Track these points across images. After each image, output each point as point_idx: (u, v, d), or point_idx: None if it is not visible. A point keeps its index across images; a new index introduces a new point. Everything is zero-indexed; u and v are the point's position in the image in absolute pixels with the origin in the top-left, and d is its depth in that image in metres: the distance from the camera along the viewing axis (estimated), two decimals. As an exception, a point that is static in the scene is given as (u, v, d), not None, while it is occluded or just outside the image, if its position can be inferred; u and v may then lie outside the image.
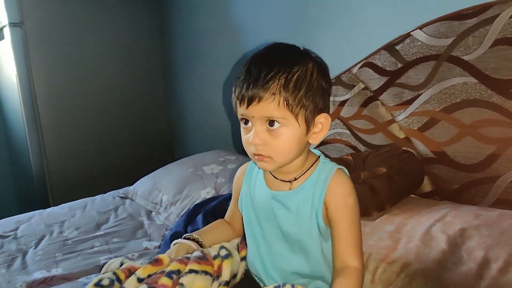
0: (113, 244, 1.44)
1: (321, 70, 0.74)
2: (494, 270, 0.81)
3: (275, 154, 0.73)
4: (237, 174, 0.93)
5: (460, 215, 1.00)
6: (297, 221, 0.79)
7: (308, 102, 0.71)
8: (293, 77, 0.70)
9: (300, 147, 0.75)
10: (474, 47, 1.10)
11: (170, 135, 2.85)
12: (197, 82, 2.48)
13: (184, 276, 0.81)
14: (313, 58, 0.75)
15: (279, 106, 0.70)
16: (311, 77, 0.72)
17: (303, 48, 0.77)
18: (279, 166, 0.76)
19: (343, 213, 0.76)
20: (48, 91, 2.32)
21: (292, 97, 0.70)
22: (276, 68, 0.70)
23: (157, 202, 1.73)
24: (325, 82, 0.74)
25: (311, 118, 0.73)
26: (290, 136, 0.72)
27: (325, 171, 0.79)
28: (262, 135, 0.72)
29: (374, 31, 1.41)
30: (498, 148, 1.08)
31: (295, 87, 0.70)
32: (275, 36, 1.82)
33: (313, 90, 0.72)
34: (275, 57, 0.73)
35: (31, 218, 1.69)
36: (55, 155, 2.38)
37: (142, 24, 2.64)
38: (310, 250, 0.80)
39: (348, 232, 0.77)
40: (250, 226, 0.88)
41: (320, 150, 1.60)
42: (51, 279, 1.21)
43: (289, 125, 0.72)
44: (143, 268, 0.83)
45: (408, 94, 1.27)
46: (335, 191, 0.76)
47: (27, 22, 2.21)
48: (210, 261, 0.86)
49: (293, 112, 0.71)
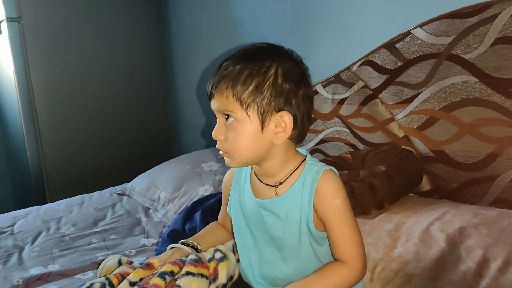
0: (110, 240, 1.43)
1: (285, 71, 0.72)
2: (493, 269, 0.81)
3: (230, 149, 0.75)
4: (225, 178, 0.93)
5: (459, 214, 1.00)
6: (287, 227, 0.79)
7: (259, 99, 0.71)
8: (245, 72, 0.71)
9: (257, 145, 0.74)
10: (474, 46, 1.09)
11: (168, 132, 2.84)
12: (195, 79, 2.47)
13: (181, 278, 0.81)
14: (285, 60, 0.74)
15: (228, 100, 0.72)
16: (266, 75, 0.71)
17: (288, 49, 0.77)
18: (240, 163, 0.77)
19: (333, 215, 0.76)
20: (46, 87, 2.31)
21: (241, 91, 0.71)
22: (234, 65, 0.72)
23: (154, 199, 1.73)
24: (288, 83, 0.72)
25: (266, 115, 0.72)
26: (242, 132, 0.73)
27: (312, 174, 0.77)
28: (220, 129, 0.75)
29: (374, 29, 1.41)
30: (498, 147, 1.08)
31: (245, 82, 0.71)
32: (275, 34, 1.83)
33: (267, 88, 0.71)
34: (242, 55, 0.74)
35: (28, 214, 1.68)
36: (53, 151, 2.36)
37: (141, 21, 2.62)
38: (302, 256, 0.80)
39: (343, 232, 0.76)
40: (241, 234, 0.88)
41: (319, 148, 1.60)
42: (48, 275, 1.20)
43: (241, 120, 0.72)
44: (135, 273, 0.84)
45: (407, 92, 1.26)
46: (322, 195, 0.75)
47: (25, 17, 2.19)
48: (206, 264, 0.87)
49: (243, 107, 0.71)
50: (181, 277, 0.82)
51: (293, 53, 0.77)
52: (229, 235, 0.98)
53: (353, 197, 1.11)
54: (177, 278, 0.82)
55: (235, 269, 0.92)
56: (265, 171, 0.80)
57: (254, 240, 0.85)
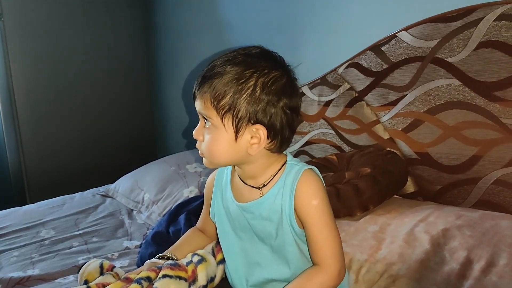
0: (92, 243, 1.40)
1: (266, 82, 0.70)
2: (477, 270, 0.82)
3: (205, 152, 0.75)
4: (208, 182, 0.92)
5: (443, 215, 1.01)
6: (272, 228, 0.79)
7: (234, 109, 0.70)
8: (226, 79, 0.70)
9: (232, 152, 0.73)
10: (458, 50, 1.11)
11: (152, 132, 2.81)
12: (181, 80, 2.45)
13: (157, 281, 0.80)
14: (271, 69, 0.72)
15: (206, 105, 0.72)
16: (244, 86, 0.70)
17: (279, 56, 0.75)
18: (214, 165, 0.79)
19: (310, 215, 0.75)
20: (27, 86, 2.26)
21: (218, 99, 0.70)
22: (219, 67, 0.71)
23: (138, 200, 1.70)
24: (267, 94, 0.70)
25: (240, 126, 0.71)
26: (216, 138, 0.73)
27: (292, 174, 0.77)
28: (199, 131, 0.76)
29: (360, 31, 1.42)
30: (480, 150, 1.10)
31: (223, 90, 0.70)
32: (262, 35, 1.82)
33: (244, 99, 0.70)
34: (230, 58, 0.72)
35: (6, 216, 1.63)
36: (33, 150, 2.31)
37: (126, 19, 2.59)
38: (289, 255, 0.80)
39: (319, 234, 0.76)
40: (227, 239, 0.87)
41: (305, 150, 1.60)
42: (28, 279, 1.17)
43: (217, 126, 0.72)
44: (114, 284, 0.82)
45: (393, 95, 1.27)
46: (301, 194, 0.75)
47: (6, 14, 2.14)
48: (183, 267, 0.86)
49: (219, 114, 0.71)
50: (157, 280, 0.81)
51: (283, 61, 0.75)
52: (207, 241, 0.97)
53: (338, 198, 1.11)
54: (154, 281, 0.81)
55: (215, 270, 0.91)
56: (247, 174, 0.80)
57: (241, 243, 0.84)
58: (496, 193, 1.08)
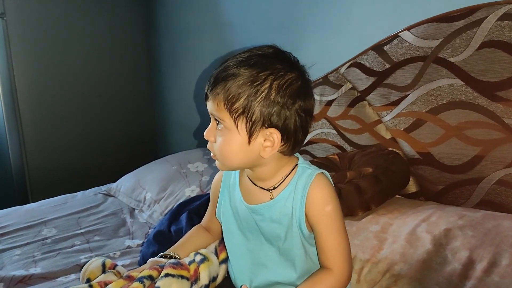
0: (94, 242, 1.40)
1: (281, 84, 0.69)
2: (479, 271, 0.82)
3: (217, 154, 0.74)
4: (214, 182, 0.91)
5: (444, 215, 1.00)
6: (281, 230, 0.78)
7: (249, 112, 0.69)
8: (240, 81, 0.68)
9: (244, 155, 0.72)
10: (461, 49, 1.10)
11: (154, 132, 2.81)
12: (183, 80, 2.45)
13: (160, 279, 0.80)
14: (287, 71, 0.70)
15: (219, 107, 0.70)
16: (259, 88, 0.68)
17: (294, 58, 0.74)
18: (227, 168, 0.77)
19: (323, 221, 0.75)
20: (29, 85, 2.26)
21: (232, 102, 0.69)
22: (233, 68, 0.70)
23: (140, 199, 1.70)
24: (282, 97, 0.69)
25: (254, 129, 0.70)
26: (228, 141, 0.72)
27: (304, 177, 0.76)
28: (211, 132, 0.74)
29: (362, 31, 1.41)
30: (483, 150, 1.09)
31: (237, 93, 0.69)
32: (263, 35, 1.82)
33: (258, 102, 0.68)
34: (244, 59, 0.71)
35: (8, 214, 1.63)
36: (36, 149, 2.32)
37: (128, 19, 2.59)
38: (296, 257, 0.79)
39: (332, 239, 0.76)
40: (233, 239, 0.86)
41: (306, 149, 1.60)
42: (30, 277, 1.17)
43: (230, 129, 0.71)
44: (116, 282, 0.83)
45: (395, 95, 1.27)
46: (313, 200, 0.75)
47: (9, 13, 2.14)
48: (186, 266, 0.86)
49: (232, 117, 0.70)
50: (160, 279, 0.81)
51: (298, 62, 0.74)
52: (211, 239, 0.97)
53: (340, 198, 1.10)
54: (156, 280, 0.81)
55: (217, 270, 0.91)
56: (258, 175, 0.79)
57: (247, 244, 0.84)
58: (499, 193, 1.08)
